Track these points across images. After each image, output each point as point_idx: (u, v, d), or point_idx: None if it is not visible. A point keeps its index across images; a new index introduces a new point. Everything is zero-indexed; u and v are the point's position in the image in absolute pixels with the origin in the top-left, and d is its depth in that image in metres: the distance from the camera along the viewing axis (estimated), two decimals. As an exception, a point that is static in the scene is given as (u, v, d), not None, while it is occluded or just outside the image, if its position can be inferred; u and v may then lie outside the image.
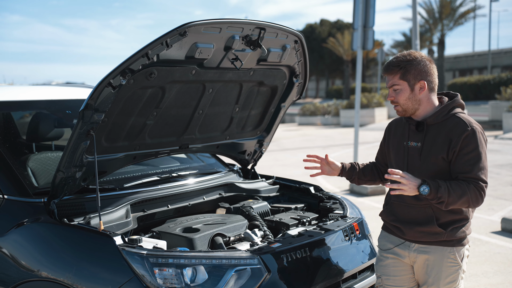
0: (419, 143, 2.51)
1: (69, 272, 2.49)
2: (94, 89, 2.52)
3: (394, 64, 2.50)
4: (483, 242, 5.75)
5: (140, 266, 2.38)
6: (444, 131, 2.45)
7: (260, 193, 3.72)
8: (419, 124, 2.52)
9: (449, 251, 2.49)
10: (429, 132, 2.50)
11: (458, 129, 2.41)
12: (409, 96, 2.50)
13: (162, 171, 3.56)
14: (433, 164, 2.46)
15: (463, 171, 2.39)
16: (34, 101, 3.67)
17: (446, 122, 2.47)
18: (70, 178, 2.74)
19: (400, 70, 2.49)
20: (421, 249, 2.53)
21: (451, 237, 2.47)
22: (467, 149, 2.39)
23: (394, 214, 2.63)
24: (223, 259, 2.48)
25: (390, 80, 2.52)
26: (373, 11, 8.74)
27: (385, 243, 2.70)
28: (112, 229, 2.78)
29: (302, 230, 3.06)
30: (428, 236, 2.50)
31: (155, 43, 2.58)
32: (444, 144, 2.43)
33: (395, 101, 2.53)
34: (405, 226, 2.56)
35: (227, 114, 3.47)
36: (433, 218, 2.47)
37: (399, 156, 2.59)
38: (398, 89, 2.51)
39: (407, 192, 2.34)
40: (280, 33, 3.10)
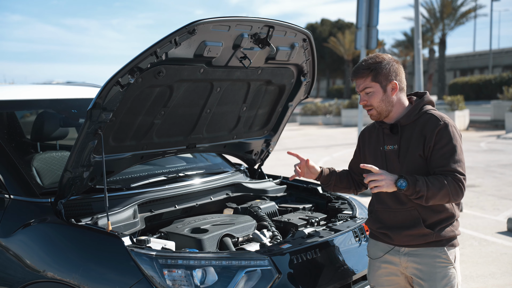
0: (396, 145, 2.47)
1: (76, 273, 2.45)
2: (102, 87, 2.49)
3: (364, 67, 2.47)
4: (489, 242, 5.71)
5: (149, 267, 2.35)
6: (417, 129, 2.42)
7: (268, 193, 3.68)
8: (393, 126, 2.48)
9: (439, 251, 2.42)
10: (404, 133, 2.46)
11: (431, 125, 2.38)
12: (382, 98, 2.46)
13: (168, 171, 3.53)
14: (412, 163, 2.41)
15: (439, 165, 2.35)
16: (39, 100, 3.64)
17: (418, 120, 2.44)
18: (78, 178, 2.71)
19: (371, 72, 2.45)
20: (411, 252, 2.46)
21: (440, 237, 2.40)
22: (441, 143, 2.35)
23: (380, 221, 2.55)
24: (233, 260, 2.44)
25: (362, 84, 2.48)
26: (377, 10, 8.70)
27: (375, 252, 2.62)
28: (120, 229, 2.74)
29: (311, 230, 3.03)
30: (416, 239, 2.43)
31: (164, 41, 2.54)
32: (419, 141, 2.39)
33: (368, 105, 2.48)
34: (393, 231, 2.48)
35: (235, 113, 3.44)
36: (420, 220, 2.41)
37: (377, 162, 2.52)
38: (370, 91, 2.46)
39: (385, 187, 2.28)
40: (289, 31, 3.07)
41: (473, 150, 13.41)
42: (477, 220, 6.59)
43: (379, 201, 2.54)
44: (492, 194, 8.12)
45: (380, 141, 2.54)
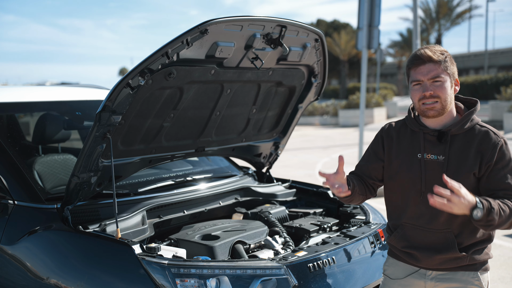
0: (442, 156, 2.16)
1: (84, 283, 2.36)
2: (112, 90, 2.39)
3: (439, 54, 2.14)
4: (497, 245, 5.64)
5: (161, 276, 2.25)
6: (471, 143, 2.14)
7: (277, 198, 3.59)
8: (442, 134, 2.17)
9: (472, 276, 2.18)
10: (453, 144, 2.16)
11: (490, 141, 2.12)
12: (449, 93, 2.15)
13: (176, 175, 3.43)
14: (462, 180, 2.08)
15: (502, 188, 2.10)
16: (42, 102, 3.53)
17: (470, 133, 2.16)
18: (85, 183, 2.61)
19: (446, 62, 2.15)
20: (440, 276, 2.21)
21: (474, 261, 2.16)
22: (503, 163, 2.11)
23: (406, 239, 2.26)
24: (248, 269, 2.35)
25: (434, 71, 2.12)
26: (379, 10, 8.63)
27: (394, 272, 2.35)
28: (129, 236, 2.64)
29: (325, 237, 2.94)
30: (448, 263, 2.18)
31: (175, 42, 2.45)
32: (475, 158, 2.12)
33: (435, 96, 2.12)
34: (421, 252, 2.21)
35: (244, 116, 3.34)
36: (455, 244, 2.15)
37: (413, 171, 2.21)
38: (441, 81, 2.13)
39: (454, 211, 1.96)
40: (301, 31, 2.98)
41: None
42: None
43: (409, 216, 2.25)
44: (495, 195, 8.06)
45: (418, 147, 2.22)
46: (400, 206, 2.30)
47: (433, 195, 1.96)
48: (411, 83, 2.21)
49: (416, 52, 2.19)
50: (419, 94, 2.17)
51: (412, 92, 2.21)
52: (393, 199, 2.34)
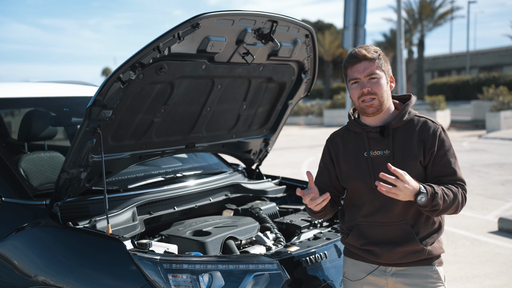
0: (387, 150, 2.19)
1: (75, 280, 2.32)
2: (102, 84, 2.36)
3: (373, 52, 2.21)
4: (482, 242, 5.71)
5: (153, 272, 2.23)
6: (413, 133, 2.20)
7: (267, 194, 3.58)
8: (384, 128, 2.21)
9: (430, 270, 2.21)
10: (395, 137, 2.21)
11: (429, 129, 2.19)
12: (386, 89, 2.21)
13: (166, 172, 3.40)
14: (410, 170, 2.11)
15: (446, 174, 2.17)
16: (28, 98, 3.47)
17: (409, 124, 2.22)
18: (75, 179, 2.57)
19: (379, 59, 2.21)
20: (400, 272, 2.21)
21: (430, 255, 2.20)
22: (444, 149, 2.18)
23: (365, 237, 2.25)
24: (241, 264, 2.33)
25: (369, 68, 2.17)
26: (365, 9, 8.68)
27: (354, 273, 2.32)
28: (119, 232, 2.61)
29: (317, 232, 2.94)
30: (408, 256, 2.19)
31: (166, 36, 2.42)
32: (419, 146, 2.18)
33: (372, 92, 2.17)
34: (382, 248, 2.20)
35: (235, 112, 3.33)
36: (413, 234, 2.17)
37: (361, 171, 2.23)
38: (377, 78, 2.18)
39: (400, 197, 2.02)
40: (292, 26, 2.97)
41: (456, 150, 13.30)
42: (467, 220, 6.59)
43: (363, 215, 2.24)
44: (480, 193, 8.16)
45: (363, 147, 2.24)
46: (354, 207, 2.29)
47: (379, 182, 2.03)
48: (349, 82, 2.25)
49: (351, 51, 2.26)
50: (358, 92, 2.20)
51: (351, 91, 2.24)
52: (348, 203, 2.34)
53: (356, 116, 2.35)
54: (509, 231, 5.96)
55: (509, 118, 18.12)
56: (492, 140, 15.69)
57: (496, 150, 13.33)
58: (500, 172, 9.98)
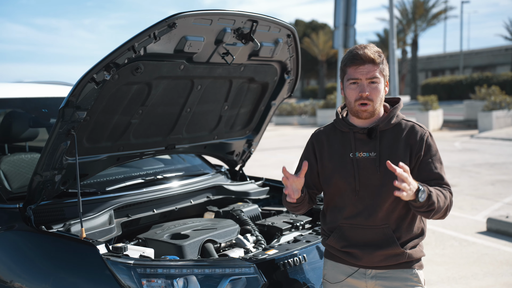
0: (373, 152, 2.14)
1: (47, 284, 2.28)
2: (75, 84, 2.31)
3: (377, 55, 2.12)
4: (470, 243, 5.69)
5: (126, 277, 2.18)
6: (400, 136, 2.15)
7: (250, 196, 3.54)
8: (372, 130, 2.16)
9: (410, 273, 2.18)
10: (383, 139, 2.16)
11: (416, 134, 2.16)
12: (381, 96, 2.16)
13: (146, 173, 3.35)
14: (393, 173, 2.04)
15: (433, 178, 2.13)
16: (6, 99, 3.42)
17: (397, 128, 2.18)
18: (49, 181, 2.52)
19: (382, 63, 2.14)
20: (380, 275, 2.18)
21: (410, 258, 2.16)
22: (431, 153, 2.15)
23: (345, 239, 2.20)
24: (217, 268, 2.29)
25: (372, 71, 2.10)
26: (355, 9, 8.64)
27: (334, 275, 2.28)
28: (94, 236, 2.56)
29: (297, 235, 2.90)
30: (388, 259, 2.15)
31: (142, 35, 2.38)
32: (405, 151, 2.13)
33: (370, 98, 2.11)
34: (362, 250, 2.16)
35: (216, 113, 3.28)
36: (394, 238, 2.13)
37: (346, 171, 2.18)
38: (377, 82, 2.12)
39: (406, 195, 1.94)
40: (273, 26, 2.93)
41: (448, 150, 13.52)
42: (456, 220, 6.57)
43: (345, 217, 2.20)
44: (469, 193, 8.15)
45: (349, 147, 2.19)
46: (336, 209, 2.24)
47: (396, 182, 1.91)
48: (347, 80, 2.16)
49: (356, 51, 2.15)
50: (356, 94, 2.13)
51: (348, 91, 2.16)
52: (330, 203, 2.28)
53: (344, 115, 2.30)
54: (497, 231, 5.95)
55: (501, 118, 18.16)
56: (484, 140, 15.72)
57: (488, 150, 13.35)
58: (490, 172, 9.98)
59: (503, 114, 18.46)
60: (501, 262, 5.02)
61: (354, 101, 2.15)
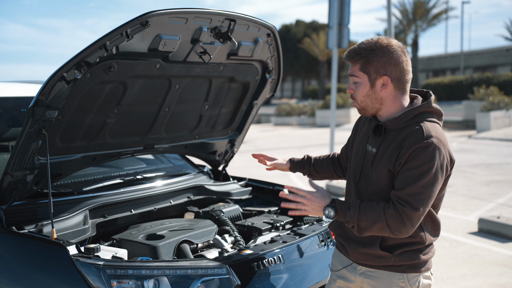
0: (375, 148, 2.10)
1: (21, 286, 2.25)
2: (44, 83, 2.28)
3: (356, 51, 2.04)
4: (461, 243, 5.66)
5: (96, 278, 2.15)
6: (399, 139, 2.01)
7: (232, 196, 3.51)
8: (377, 127, 2.09)
9: (398, 278, 2.08)
10: (386, 138, 2.06)
11: (412, 139, 1.96)
12: (368, 93, 2.05)
13: (126, 173, 3.32)
14: (380, 175, 2.04)
15: (397, 188, 1.97)
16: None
17: (406, 129, 2.01)
18: (20, 181, 2.49)
19: (361, 60, 2.03)
20: (368, 273, 2.15)
21: (400, 262, 2.06)
22: (412, 164, 1.93)
23: (341, 228, 2.22)
24: (189, 269, 2.26)
25: (351, 69, 2.08)
26: (348, 9, 8.62)
27: (335, 263, 2.33)
28: (67, 237, 2.53)
29: (275, 235, 2.87)
30: (372, 259, 2.11)
31: (113, 34, 2.35)
32: (393, 154, 2.00)
33: (353, 96, 2.10)
34: (349, 244, 2.17)
35: (196, 112, 3.26)
36: (377, 240, 2.07)
37: (356, 160, 2.19)
38: (357, 81, 2.06)
39: (310, 213, 2.07)
40: (252, 25, 2.91)
41: (445, 150, 13.47)
42: (448, 221, 6.54)
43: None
44: (464, 194, 8.11)
45: (365, 138, 2.18)
46: (346, 193, 2.29)
47: (284, 203, 2.14)
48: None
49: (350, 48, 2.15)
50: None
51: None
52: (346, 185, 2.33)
53: None
54: (488, 232, 5.91)
55: (499, 118, 18.11)
56: (482, 140, 15.67)
57: (485, 150, 13.30)
58: (486, 173, 9.94)
59: (501, 114, 18.41)
60: (490, 262, 4.99)
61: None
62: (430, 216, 2.10)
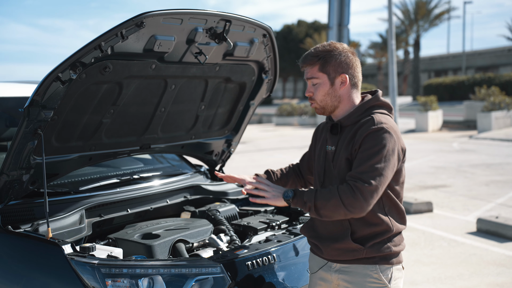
0: (333, 146, 2.23)
1: (17, 285, 2.28)
2: (40, 83, 2.29)
3: (313, 54, 2.20)
4: (459, 243, 5.66)
5: (90, 277, 2.17)
6: (353, 131, 2.16)
7: (228, 196, 3.53)
8: (334, 126, 2.24)
9: (370, 270, 2.15)
10: (342, 135, 2.21)
11: (364, 127, 2.12)
12: (329, 91, 2.19)
13: (123, 173, 3.34)
14: (340, 168, 2.16)
15: (353, 168, 2.09)
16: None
17: (359, 122, 2.17)
18: (16, 181, 2.51)
19: (319, 61, 2.18)
20: (343, 269, 2.20)
21: (372, 254, 2.14)
22: (365, 146, 2.08)
23: (313, 229, 2.30)
24: (183, 268, 2.28)
25: (309, 72, 2.21)
26: (348, 9, 8.64)
27: (312, 265, 2.38)
28: (63, 236, 2.56)
29: (270, 235, 2.89)
30: (345, 254, 2.17)
31: (108, 34, 2.37)
32: (349, 144, 2.15)
33: (312, 98, 2.22)
34: (322, 243, 2.23)
35: (192, 112, 3.27)
36: (348, 232, 2.14)
37: (319, 163, 2.29)
38: (317, 83, 2.20)
39: (270, 200, 2.18)
40: (247, 26, 2.92)
41: (445, 151, 13.49)
42: (447, 221, 6.55)
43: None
44: (463, 194, 8.12)
45: (325, 141, 2.31)
46: None
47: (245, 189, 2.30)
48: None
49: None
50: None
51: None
52: None
53: None
54: (487, 231, 5.92)
55: (500, 118, 18.09)
56: (482, 141, 15.65)
57: (485, 150, 13.29)
58: (486, 173, 9.94)
59: (502, 114, 18.40)
60: (488, 262, 5.00)
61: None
62: (394, 204, 2.19)
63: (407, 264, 5.00)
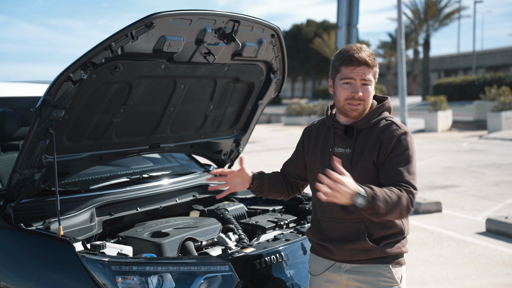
0: (348, 149, 2.23)
1: (29, 281, 2.32)
2: (51, 83, 2.34)
3: (372, 56, 2.20)
4: (468, 243, 5.65)
5: (101, 274, 2.21)
6: (374, 134, 2.20)
7: (237, 195, 3.56)
8: (349, 128, 2.24)
9: (384, 269, 2.19)
10: (359, 137, 2.23)
11: (390, 131, 2.17)
12: (372, 95, 2.25)
13: (132, 172, 3.38)
14: (364, 170, 2.17)
15: (393, 174, 2.11)
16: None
17: (376, 126, 2.22)
18: (28, 180, 2.55)
19: (376, 66, 2.22)
20: (353, 269, 2.22)
21: (385, 253, 2.18)
22: (398, 150, 2.14)
23: (321, 232, 2.30)
24: (192, 266, 2.31)
25: (366, 74, 2.18)
26: (357, 9, 8.62)
27: (316, 267, 2.37)
28: (74, 234, 2.60)
29: (278, 233, 2.91)
30: (359, 254, 2.19)
31: (119, 35, 2.40)
32: (375, 147, 2.17)
33: (362, 98, 2.19)
34: (334, 244, 2.23)
35: (201, 112, 3.30)
36: (365, 233, 2.17)
37: (325, 165, 2.25)
38: (369, 84, 2.20)
39: (340, 201, 1.96)
40: (256, 26, 2.94)
41: (455, 151, 13.42)
42: (456, 221, 6.53)
43: (322, 210, 2.29)
44: (473, 194, 8.09)
45: (330, 142, 2.30)
46: (317, 202, 2.31)
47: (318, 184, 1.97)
48: (340, 79, 2.22)
49: (352, 52, 2.19)
50: (347, 94, 2.20)
51: (340, 89, 2.22)
52: (314, 196, 2.33)
53: (333, 112, 2.38)
54: (496, 232, 5.90)
55: (510, 118, 17.95)
56: (492, 141, 15.56)
57: (495, 150, 13.22)
58: (496, 173, 9.89)
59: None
60: (497, 262, 4.98)
61: (344, 100, 2.22)
62: None
63: (416, 264, 5.00)
